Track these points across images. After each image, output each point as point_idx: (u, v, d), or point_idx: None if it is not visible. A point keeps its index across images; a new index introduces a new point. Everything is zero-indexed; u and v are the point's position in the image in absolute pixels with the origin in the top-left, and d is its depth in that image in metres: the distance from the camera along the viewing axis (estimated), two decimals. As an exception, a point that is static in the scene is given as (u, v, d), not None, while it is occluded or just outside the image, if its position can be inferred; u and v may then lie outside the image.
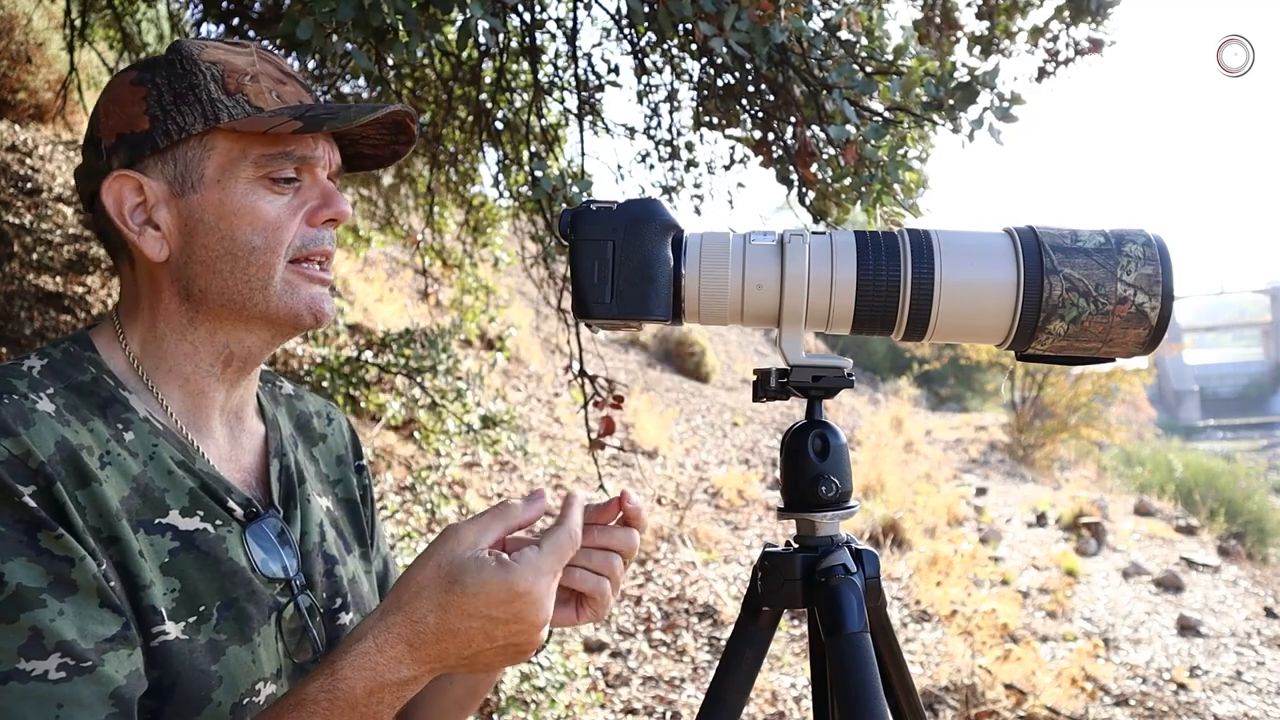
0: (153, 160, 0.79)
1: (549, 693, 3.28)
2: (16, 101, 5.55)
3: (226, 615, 0.78)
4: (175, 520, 0.77)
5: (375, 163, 0.94)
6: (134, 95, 0.80)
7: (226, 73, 0.80)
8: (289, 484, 0.90)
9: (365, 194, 5.50)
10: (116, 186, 0.79)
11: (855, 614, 0.84)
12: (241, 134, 0.79)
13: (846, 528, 0.94)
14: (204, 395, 0.84)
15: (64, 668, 0.65)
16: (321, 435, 1.02)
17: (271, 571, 0.83)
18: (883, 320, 0.85)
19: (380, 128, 0.89)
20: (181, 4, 4.71)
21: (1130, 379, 12.20)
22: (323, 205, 0.84)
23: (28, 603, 0.65)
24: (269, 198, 0.81)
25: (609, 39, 3.71)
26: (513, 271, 7.81)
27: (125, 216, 0.79)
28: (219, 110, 0.79)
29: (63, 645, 0.65)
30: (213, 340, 0.83)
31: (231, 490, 0.83)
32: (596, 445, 2.87)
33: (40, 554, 0.67)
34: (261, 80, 0.82)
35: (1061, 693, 4.06)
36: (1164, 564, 6.83)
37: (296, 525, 0.88)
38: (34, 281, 4.59)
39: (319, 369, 4.34)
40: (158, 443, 0.79)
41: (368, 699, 0.69)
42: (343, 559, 0.94)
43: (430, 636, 0.70)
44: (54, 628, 0.65)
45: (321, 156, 0.84)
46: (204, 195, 0.79)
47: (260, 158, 0.80)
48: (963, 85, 2.06)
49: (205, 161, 0.79)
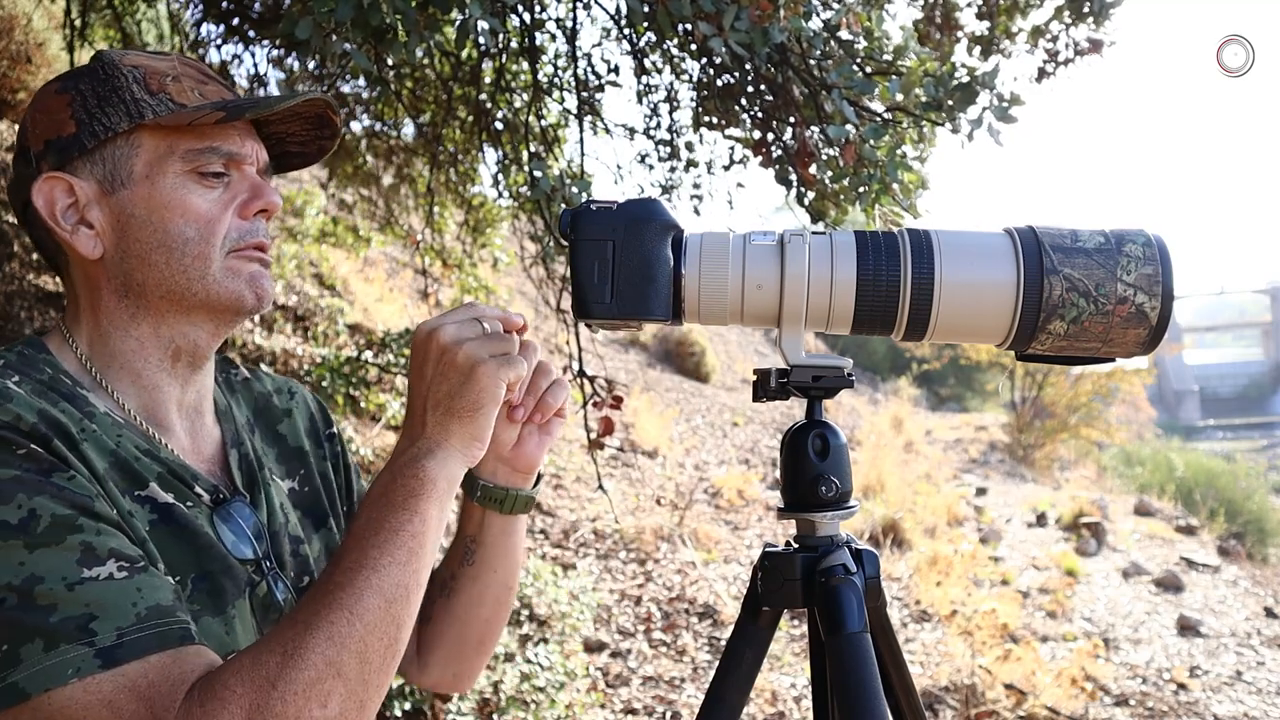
0: (81, 161, 0.82)
1: (549, 693, 3.28)
2: (16, 101, 5.54)
3: (201, 587, 0.80)
4: (154, 492, 0.80)
5: (302, 160, 0.97)
6: (59, 103, 0.82)
7: (148, 75, 0.83)
8: (250, 470, 0.92)
9: (365, 194, 5.49)
10: (47, 188, 0.81)
11: (855, 614, 0.84)
12: (167, 130, 0.82)
13: (846, 528, 0.94)
14: (159, 390, 0.86)
15: (124, 568, 0.69)
16: (285, 411, 1.04)
17: (242, 553, 0.85)
18: (883, 320, 0.85)
19: (304, 123, 0.92)
20: (181, 4, 4.71)
21: (1130, 379, 12.19)
22: (253, 197, 0.86)
23: (68, 526, 0.68)
24: (199, 192, 0.83)
25: (609, 39, 3.71)
26: (513, 271, 7.80)
27: (57, 217, 0.82)
28: (143, 108, 0.81)
29: (114, 552, 0.69)
30: (157, 335, 0.85)
31: (198, 477, 0.85)
32: (596, 445, 2.87)
33: (61, 490, 0.70)
34: (183, 80, 0.85)
35: (1061, 693, 4.05)
36: (1164, 564, 6.83)
37: (262, 509, 0.90)
38: (34, 281, 4.59)
39: (319, 369, 4.33)
40: (121, 434, 0.81)
41: (393, 484, 0.76)
42: (308, 538, 0.96)
43: (406, 418, 0.82)
44: (100, 540, 0.69)
45: (249, 154, 0.86)
46: (134, 191, 0.82)
47: (187, 153, 0.82)
48: (962, 85, 2.06)
49: (133, 159, 0.82)
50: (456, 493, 0.82)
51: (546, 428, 0.96)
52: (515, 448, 0.95)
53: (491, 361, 0.78)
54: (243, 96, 0.87)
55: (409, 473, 0.76)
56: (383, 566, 0.71)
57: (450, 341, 0.79)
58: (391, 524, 0.73)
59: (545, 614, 3.92)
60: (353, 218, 5.91)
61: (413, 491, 0.75)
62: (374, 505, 0.76)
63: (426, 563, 0.76)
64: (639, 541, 5.47)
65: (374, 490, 0.78)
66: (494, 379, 0.78)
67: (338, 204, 6.15)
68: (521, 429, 0.94)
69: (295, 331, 5.87)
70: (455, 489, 0.80)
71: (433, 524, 0.76)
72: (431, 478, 0.76)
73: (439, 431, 0.78)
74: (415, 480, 0.76)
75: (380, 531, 0.73)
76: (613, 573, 5.10)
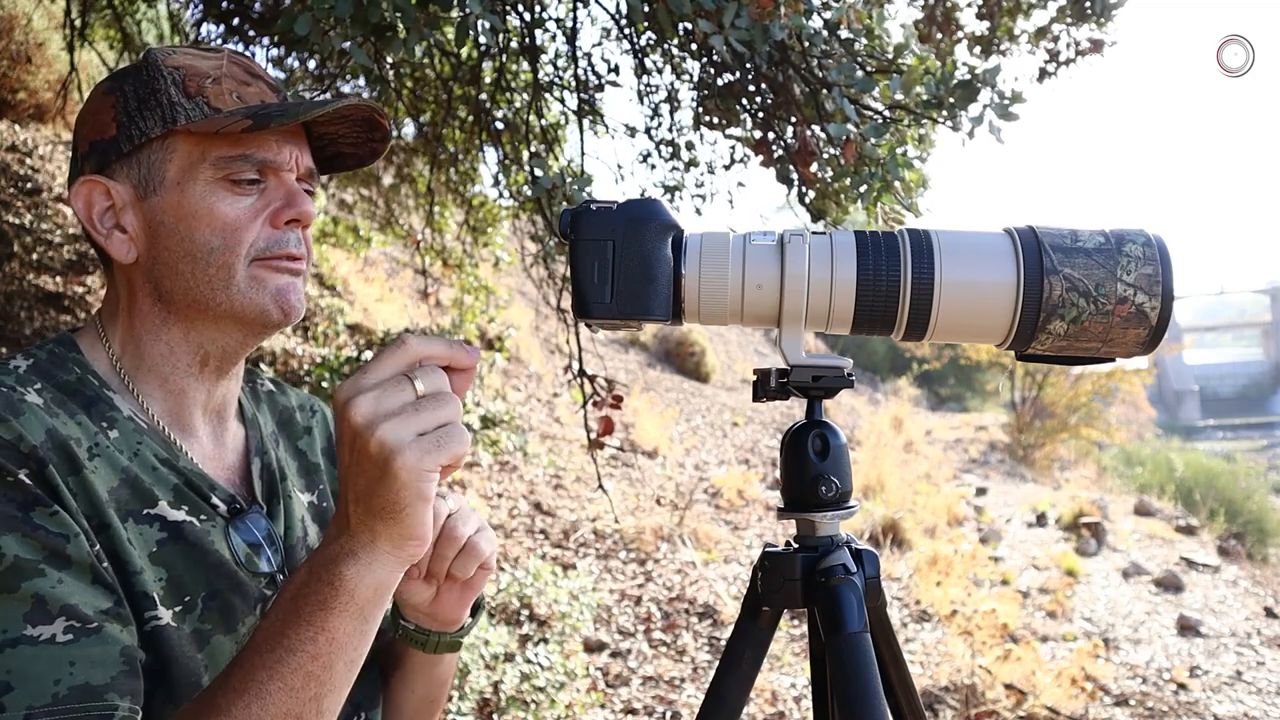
0: (119, 165, 0.81)
1: (549, 693, 3.28)
2: (16, 101, 5.55)
3: (211, 606, 0.78)
4: (164, 510, 0.78)
5: (356, 161, 0.95)
6: (105, 104, 0.82)
7: (188, 76, 0.82)
8: (270, 481, 0.91)
9: (365, 194, 5.49)
10: (85, 191, 0.81)
11: (855, 614, 0.84)
12: (200, 136, 0.80)
13: (846, 528, 0.94)
14: (184, 395, 0.85)
15: (71, 630, 0.65)
16: (306, 428, 1.03)
17: (256, 567, 0.84)
18: (883, 320, 0.85)
19: (352, 126, 0.90)
20: (181, 4, 4.71)
21: (1130, 379, 12.19)
22: (285, 206, 0.83)
23: (27, 572, 0.65)
24: (228, 200, 0.81)
25: (609, 39, 3.71)
26: (513, 271, 7.80)
27: (94, 220, 0.81)
28: (177, 113, 0.80)
29: (67, 609, 0.66)
30: (187, 340, 0.84)
31: (215, 487, 0.84)
32: (596, 445, 2.87)
33: (35, 529, 0.67)
34: (224, 82, 0.83)
35: (1061, 693, 4.05)
36: (1164, 564, 6.83)
37: (280, 521, 0.89)
38: (34, 281, 4.59)
39: (319, 369, 4.33)
40: (142, 440, 0.80)
41: (307, 587, 0.66)
42: None
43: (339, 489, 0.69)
44: (56, 594, 0.66)
45: (286, 160, 0.84)
46: (165, 198, 0.81)
47: (219, 159, 0.81)
48: (963, 84, 2.06)
49: (167, 164, 0.81)
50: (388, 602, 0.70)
51: (470, 583, 0.86)
52: (433, 604, 0.87)
53: (413, 448, 0.63)
54: (283, 101, 0.85)
55: (324, 577, 0.66)
56: (269, 693, 0.63)
57: (362, 424, 0.63)
58: (290, 640, 0.64)
59: (545, 614, 3.92)
60: (353, 218, 5.91)
61: (324, 602, 0.65)
62: (280, 611, 0.66)
63: (335, 685, 0.66)
64: (639, 541, 5.47)
65: (287, 589, 0.67)
66: (416, 473, 0.63)
67: (338, 204, 6.16)
68: (439, 586, 0.86)
69: (295, 331, 5.87)
70: (386, 595, 0.68)
71: (346, 640, 0.66)
72: (349, 588, 0.65)
73: (363, 530, 0.66)
74: (329, 588, 0.65)
75: (276, 649, 0.64)
76: (613, 573, 5.10)
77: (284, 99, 0.86)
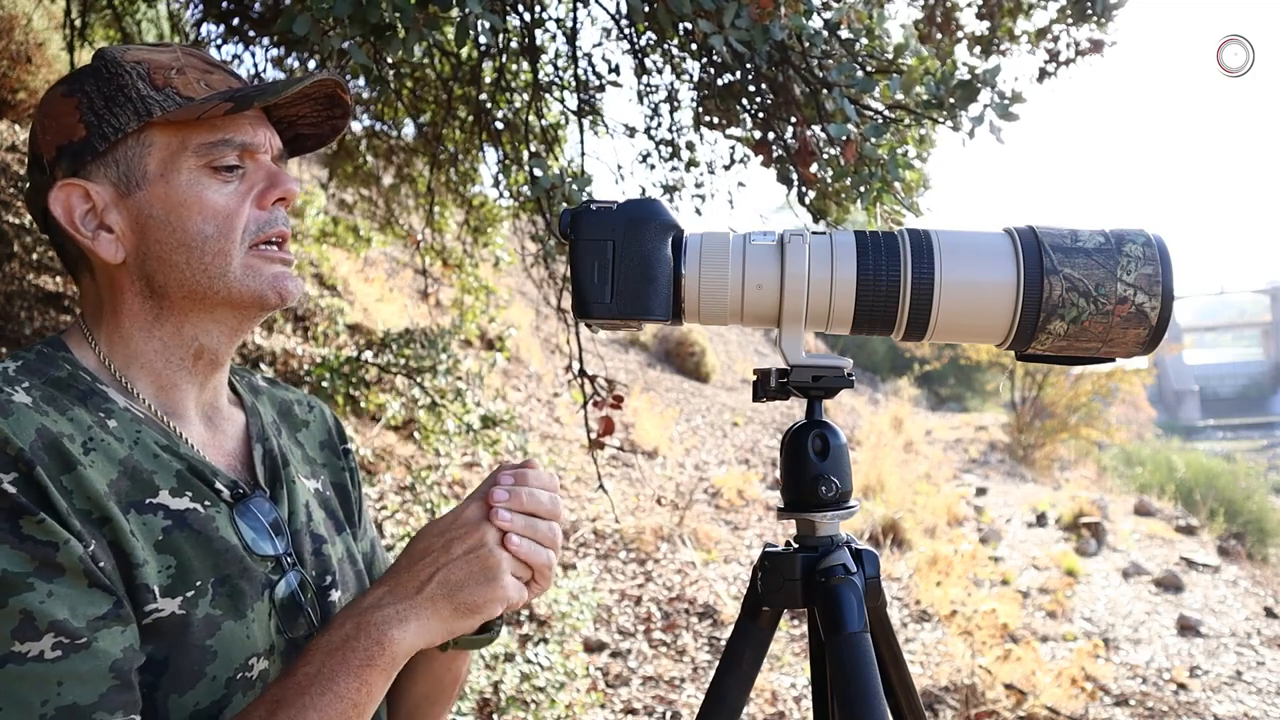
0: (94, 165, 0.80)
1: (549, 693, 3.28)
2: (16, 101, 5.54)
3: (220, 591, 0.78)
4: (166, 500, 0.78)
5: (316, 142, 0.95)
6: (67, 106, 0.81)
7: (152, 69, 0.81)
8: (273, 466, 0.91)
9: (365, 194, 5.49)
10: (63, 195, 0.80)
11: (855, 614, 0.84)
12: (178, 126, 0.81)
13: (846, 528, 0.94)
14: (177, 389, 0.85)
15: (59, 646, 0.65)
16: (304, 421, 1.03)
17: (263, 550, 0.84)
18: (883, 320, 0.85)
19: (314, 105, 0.91)
20: (181, 4, 4.71)
21: (1130, 379, 12.20)
22: (270, 186, 0.84)
23: (15, 587, 0.65)
24: (215, 186, 0.81)
25: (609, 39, 3.71)
26: (513, 271, 7.80)
27: (77, 224, 0.80)
28: (150, 105, 0.80)
29: (55, 625, 0.66)
30: (180, 334, 0.84)
31: (218, 473, 0.83)
32: (596, 445, 2.87)
33: (24, 540, 0.67)
34: (188, 72, 0.83)
35: (1061, 693, 4.05)
36: (1164, 564, 6.83)
37: (284, 505, 0.89)
38: (34, 281, 4.59)
39: (319, 369, 4.33)
40: (141, 429, 0.80)
41: (355, 640, 0.73)
42: (331, 539, 0.95)
43: (402, 566, 0.77)
44: (44, 609, 0.65)
45: (262, 142, 0.85)
46: (150, 191, 0.80)
47: (200, 147, 0.81)
48: (963, 84, 2.06)
49: (146, 158, 0.81)
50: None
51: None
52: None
53: (515, 583, 0.77)
54: (248, 84, 0.85)
55: (374, 635, 0.73)
56: None
57: (493, 542, 0.76)
58: (338, 688, 0.71)
59: (545, 614, 3.92)
60: (353, 218, 5.91)
61: (370, 659, 0.73)
62: (329, 654, 0.73)
63: None
64: (639, 541, 5.47)
65: (334, 632, 0.74)
66: (504, 598, 0.76)
67: (338, 204, 6.15)
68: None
69: (295, 331, 5.87)
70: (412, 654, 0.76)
71: (378, 692, 0.73)
72: (394, 650, 0.73)
73: (431, 607, 0.75)
74: (377, 647, 0.73)
75: (326, 693, 0.71)
76: (613, 573, 5.10)
77: (245, 83, 0.87)
